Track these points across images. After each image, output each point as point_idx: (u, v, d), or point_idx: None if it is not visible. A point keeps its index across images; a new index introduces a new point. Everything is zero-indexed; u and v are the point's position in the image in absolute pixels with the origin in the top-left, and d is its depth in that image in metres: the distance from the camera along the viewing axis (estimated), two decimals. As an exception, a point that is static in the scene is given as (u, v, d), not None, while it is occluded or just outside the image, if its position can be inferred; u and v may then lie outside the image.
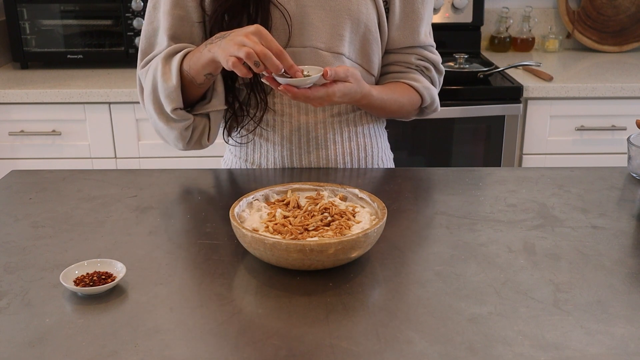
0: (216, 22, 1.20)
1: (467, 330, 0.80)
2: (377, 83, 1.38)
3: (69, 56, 2.48)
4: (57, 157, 2.31)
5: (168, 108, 1.18)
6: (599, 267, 0.96)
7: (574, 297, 0.88)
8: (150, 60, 1.24)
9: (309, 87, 1.10)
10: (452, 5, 2.69)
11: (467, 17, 2.71)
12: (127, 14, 2.42)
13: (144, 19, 2.37)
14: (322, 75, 1.10)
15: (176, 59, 1.17)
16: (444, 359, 0.75)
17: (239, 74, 1.06)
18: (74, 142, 2.30)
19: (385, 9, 1.29)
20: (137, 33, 2.43)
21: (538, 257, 0.98)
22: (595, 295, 0.88)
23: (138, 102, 2.24)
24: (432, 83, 1.38)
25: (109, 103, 2.25)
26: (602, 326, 0.81)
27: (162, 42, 1.23)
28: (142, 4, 2.40)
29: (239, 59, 1.04)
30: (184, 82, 1.17)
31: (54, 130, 2.28)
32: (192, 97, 1.22)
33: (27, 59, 2.49)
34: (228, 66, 1.04)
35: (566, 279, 0.92)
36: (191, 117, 1.21)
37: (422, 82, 1.34)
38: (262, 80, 1.13)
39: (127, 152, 2.31)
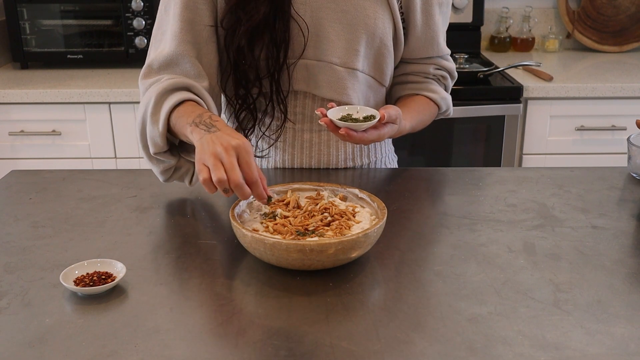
0: (234, 35, 1.16)
1: (467, 330, 0.80)
2: (392, 92, 1.38)
3: (69, 56, 2.48)
4: (57, 157, 2.31)
5: (151, 150, 1.12)
6: (599, 267, 0.95)
7: (574, 297, 0.88)
8: (151, 71, 1.18)
9: (363, 135, 1.13)
10: (452, 5, 2.69)
11: (467, 17, 2.71)
12: (127, 14, 2.42)
13: (144, 19, 2.40)
14: (380, 119, 1.14)
15: (167, 106, 1.09)
16: (444, 359, 0.75)
17: (206, 189, 0.96)
18: (74, 142, 2.30)
19: (402, 19, 1.27)
20: (137, 33, 2.43)
21: (538, 257, 0.98)
22: (595, 295, 0.88)
23: (138, 102, 2.24)
24: (446, 89, 1.40)
25: (109, 103, 2.25)
26: (602, 326, 0.81)
27: (170, 46, 1.16)
28: (142, 4, 2.40)
29: (208, 174, 0.94)
30: (171, 129, 1.10)
31: (54, 130, 2.28)
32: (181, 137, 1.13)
33: (27, 59, 2.49)
34: (199, 178, 0.96)
35: (566, 279, 0.92)
36: (173, 161, 1.15)
37: (439, 93, 1.35)
38: (319, 121, 1.13)
39: (127, 152, 2.31)
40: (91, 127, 2.28)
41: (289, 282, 0.91)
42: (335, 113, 1.15)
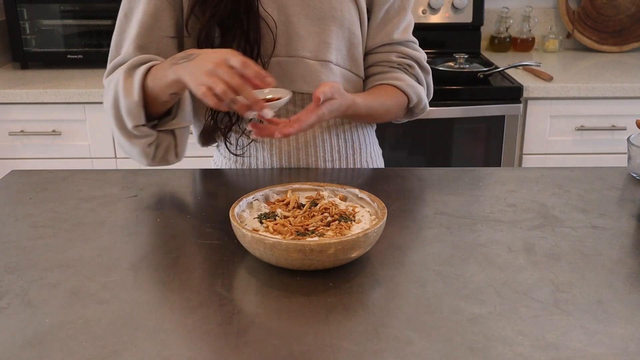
0: (207, 37, 1.17)
1: (467, 330, 0.80)
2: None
3: (69, 56, 2.48)
4: (57, 157, 2.31)
5: (129, 125, 1.14)
6: (599, 267, 0.95)
7: (574, 297, 0.88)
8: (114, 70, 1.20)
9: (299, 119, 1.09)
10: (452, 5, 2.69)
11: (467, 17, 2.71)
12: (127, 14, 2.42)
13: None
14: (314, 101, 1.10)
15: (139, 73, 1.11)
16: (444, 359, 0.75)
17: (210, 105, 1.00)
18: (74, 142, 2.30)
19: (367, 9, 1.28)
20: (137, 33, 2.44)
21: (538, 257, 0.98)
22: (595, 295, 0.88)
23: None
24: (419, 82, 1.36)
25: (109, 103, 2.25)
26: (602, 326, 0.81)
27: (126, 51, 1.19)
28: (142, 4, 2.40)
29: (209, 89, 0.98)
30: (147, 97, 1.13)
31: (54, 130, 2.28)
32: (156, 112, 1.17)
33: (27, 59, 2.49)
34: (199, 95, 0.99)
35: (566, 279, 0.92)
36: (154, 133, 1.17)
37: (405, 81, 1.32)
38: (247, 128, 1.12)
39: (127, 152, 2.31)
40: (91, 127, 2.28)
41: (289, 282, 0.91)
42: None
